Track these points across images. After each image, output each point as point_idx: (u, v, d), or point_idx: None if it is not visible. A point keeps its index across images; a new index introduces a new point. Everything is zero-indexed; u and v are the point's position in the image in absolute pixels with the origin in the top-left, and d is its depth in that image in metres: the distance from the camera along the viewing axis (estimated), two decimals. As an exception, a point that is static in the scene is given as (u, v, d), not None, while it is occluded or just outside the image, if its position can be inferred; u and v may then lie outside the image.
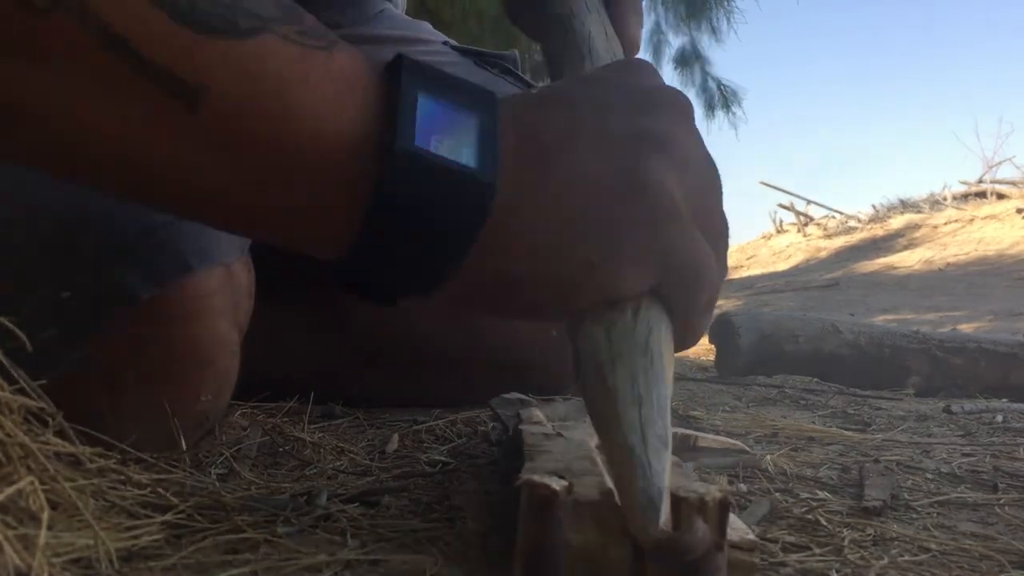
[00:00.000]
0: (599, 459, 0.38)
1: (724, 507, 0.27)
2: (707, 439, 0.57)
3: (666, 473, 0.28)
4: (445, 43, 0.86)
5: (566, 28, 0.47)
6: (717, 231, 0.36)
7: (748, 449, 0.58)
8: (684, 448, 0.55)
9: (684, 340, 0.36)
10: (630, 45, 0.51)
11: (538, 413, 0.52)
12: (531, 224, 0.34)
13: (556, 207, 0.34)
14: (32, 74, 0.30)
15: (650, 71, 0.40)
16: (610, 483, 0.34)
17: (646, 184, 0.34)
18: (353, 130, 0.33)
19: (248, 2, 0.32)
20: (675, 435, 0.54)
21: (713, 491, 0.27)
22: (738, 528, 0.30)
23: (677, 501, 0.27)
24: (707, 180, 0.37)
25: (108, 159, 0.32)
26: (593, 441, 0.42)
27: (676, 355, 0.35)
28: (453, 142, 0.33)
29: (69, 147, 0.32)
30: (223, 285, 0.48)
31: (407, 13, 0.95)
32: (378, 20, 0.84)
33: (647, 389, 0.32)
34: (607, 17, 0.50)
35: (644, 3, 0.55)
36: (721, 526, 0.27)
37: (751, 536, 0.29)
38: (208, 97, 0.31)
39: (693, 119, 0.38)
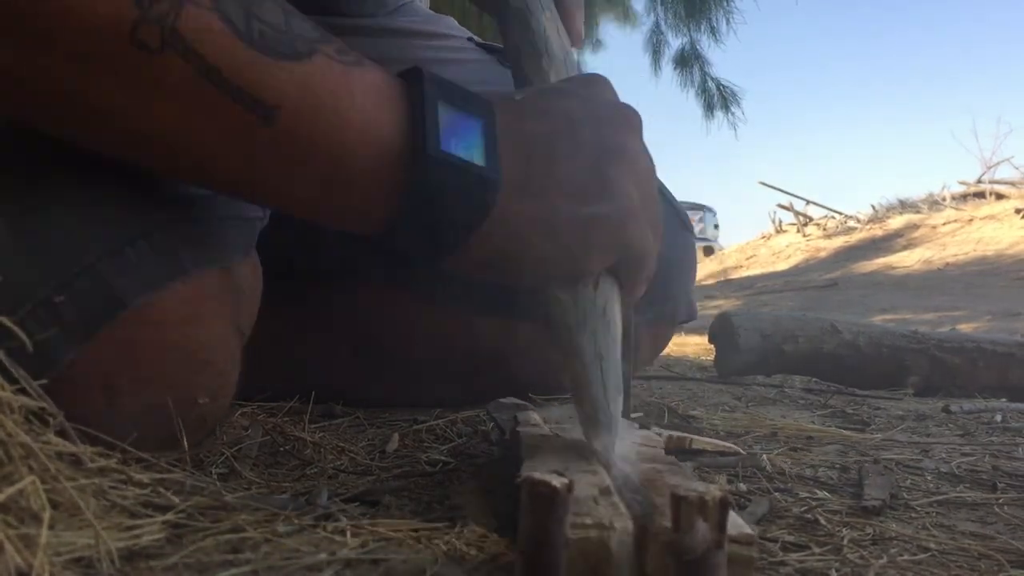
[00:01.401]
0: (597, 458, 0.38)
1: (724, 506, 0.27)
2: (701, 441, 0.57)
3: (619, 411, 0.41)
4: (470, 39, 0.86)
5: (522, 21, 0.54)
6: (655, 219, 0.47)
7: (742, 451, 0.58)
8: (679, 451, 0.55)
9: (628, 302, 0.46)
10: (576, 37, 0.59)
11: (534, 415, 0.52)
12: (522, 214, 0.42)
13: (541, 202, 0.42)
14: (149, 102, 0.37)
15: (608, 86, 0.49)
16: (609, 481, 0.34)
17: (612, 189, 0.43)
18: (391, 136, 0.40)
19: (297, 26, 0.39)
20: (670, 438, 0.54)
21: (713, 490, 0.27)
22: (735, 522, 0.30)
23: (677, 500, 0.27)
24: (650, 179, 0.47)
25: (204, 165, 0.40)
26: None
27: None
28: (466, 144, 0.41)
29: (175, 158, 0.40)
30: (220, 288, 0.48)
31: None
32: (403, 12, 0.84)
33: (606, 347, 0.42)
34: (556, 13, 0.57)
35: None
36: (721, 525, 0.27)
37: (748, 529, 0.30)
38: (281, 113, 0.38)
39: (641, 130, 0.48)
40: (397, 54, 0.76)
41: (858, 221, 8.69)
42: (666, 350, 1.17)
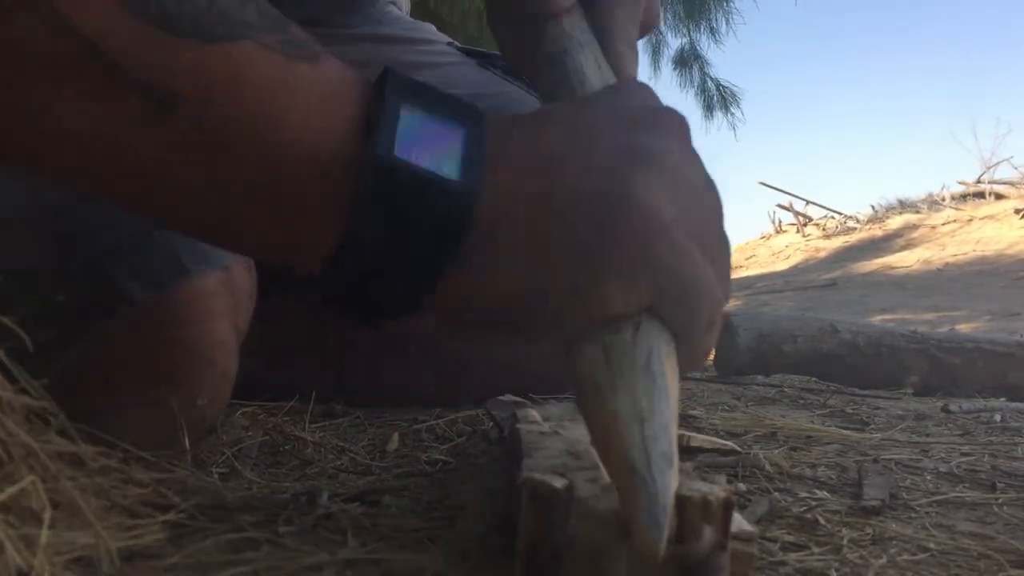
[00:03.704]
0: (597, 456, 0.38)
1: (728, 507, 0.27)
2: (699, 439, 0.57)
3: (671, 491, 0.28)
4: (449, 44, 0.86)
5: (557, 64, 0.48)
6: (715, 250, 0.35)
7: (740, 449, 0.58)
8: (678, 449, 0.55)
9: (688, 361, 0.35)
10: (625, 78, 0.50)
11: (533, 413, 0.52)
12: (515, 248, 0.33)
13: (546, 223, 0.33)
14: (17, 80, 0.30)
15: (648, 93, 0.40)
16: (609, 480, 0.34)
17: (631, 201, 0.33)
18: (337, 140, 0.32)
19: (228, 9, 0.32)
20: None
21: (717, 491, 0.27)
22: (736, 519, 0.30)
23: (680, 500, 0.27)
24: (703, 199, 0.36)
25: (83, 163, 0.32)
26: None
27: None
28: (435, 155, 0.33)
29: (46, 150, 0.32)
30: (221, 288, 0.48)
31: (411, 14, 0.95)
32: (384, 21, 0.84)
33: (649, 408, 0.31)
34: (600, 52, 0.50)
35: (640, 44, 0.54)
36: (724, 526, 0.27)
37: (749, 527, 0.30)
38: (182, 104, 0.31)
39: (690, 138, 0.38)
40: (377, 58, 0.76)
41: (857, 221, 8.69)
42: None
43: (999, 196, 7.73)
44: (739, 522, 0.30)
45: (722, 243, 0.37)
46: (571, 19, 0.51)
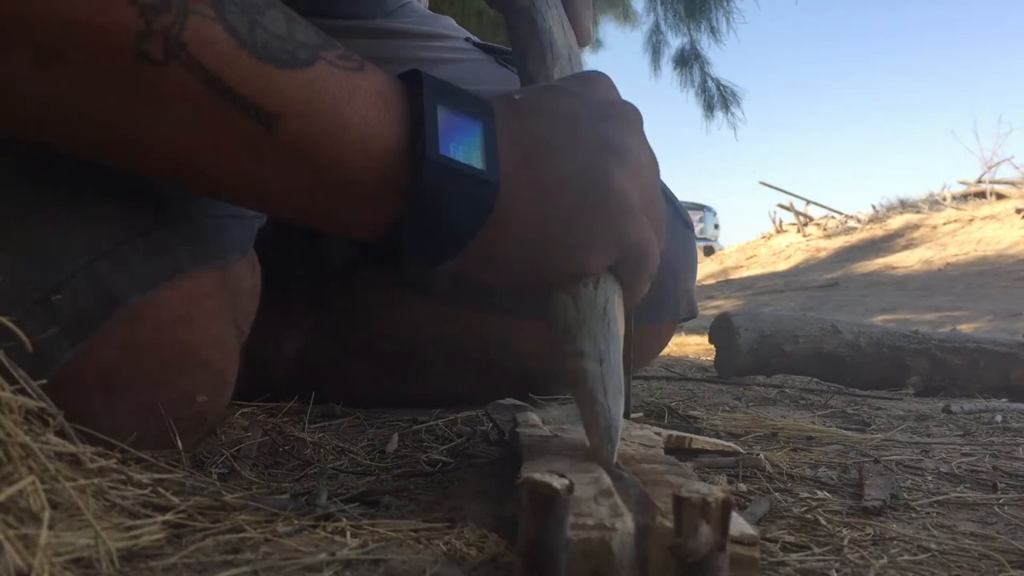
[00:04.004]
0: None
1: (726, 508, 0.27)
2: (700, 441, 0.57)
3: (620, 413, 0.39)
4: (467, 39, 0.86)
5: (528, 19, 0.55)
6: (658, 217, 0.46)
7: (741, 450, 0.58)
8: (678, 450, 0.55)
9: (630, 303, 0.45)
10: (584, 36, 0.59)
11: (534, 416, 0.52)
12: (521, 215, 0.42)
13: (540, 202, 0.42)
14: (152, 114, 0.37)
15: (608, 84, 0.49)
16: (609, 482, 0.34)
17: (610, 186, 0.43)
18: (391, 140, 0.40)
19: (299, 34, 0.39)
20: (669, 437, 0.54)
21: (715, 492, 0.27)
22: (738, 523, 0.30)
23: (679, 501, 0.27)
24: (651, 177, 0.46)
25: (206, 173, 0.41)
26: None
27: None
28: (465, 148, 0.41)
29: (177, 166, 0.40)
30: (218, 287, 0.48)
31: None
32: (401, 13, 0.84)
33: (606, 349, 0.41)
34: (563, 11, 0.57)
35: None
36: (723, 526, 0.27)
37: (751, 530, 0.29)
38: (283, 121, 0.38)
39: (642, 127, 0.48)
40: (394, 55, 0.76)
41: (858, 221, 8.69)
42: (666, 350, 1.17)
43: (1000, 196, 7.73)
44: (742, 526, 0.30)
45: (662, 211, 0.47)
46: None
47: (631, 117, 0.47)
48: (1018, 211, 6.80)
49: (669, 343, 1.05)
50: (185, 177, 0.42)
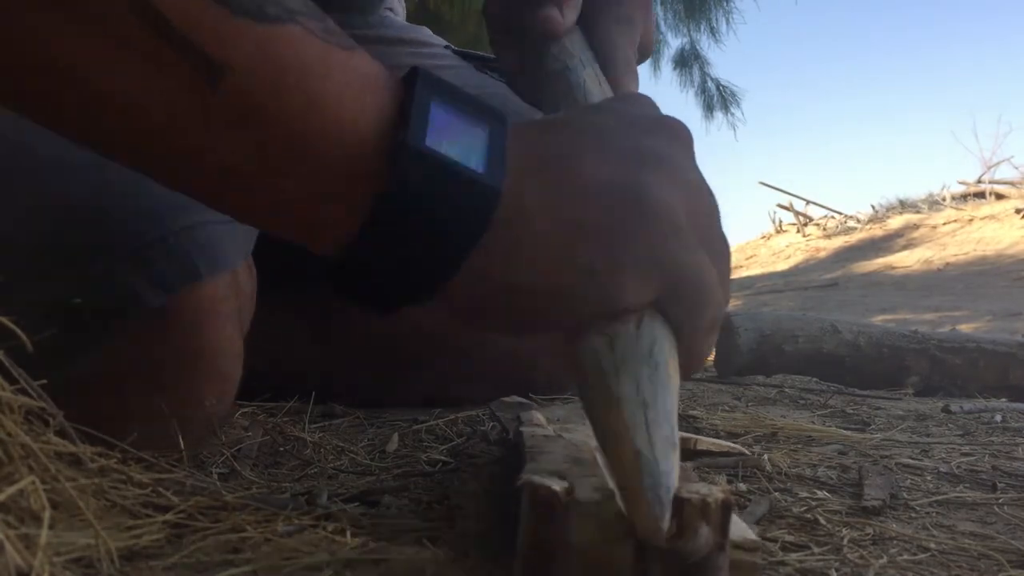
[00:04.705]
0: (600, 460, 0.38)
1: (726, 508, 0.27)
2: (706, 442, 0.57)
3: (674, 473, 0.28)
4: (446, 47, 0.87)
5: (561, 79, 0.50)
6: (719, 252, 0.36)
7: (747, 452, 0.58)
8: (683, 451, 0.55)
9: (687, 361, 0.35)
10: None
11: (538, 415, 0.52)
12: (534, 233, 0.34)
13: (559, 218, 0.34)
14: (68, 30, 0.30)
15: (650, 102, 0.41)
16: (611, 483, 0.34)
17: (647, 196, 0.34)
18: (369, 127, 0.33)
19: None
20: None
21: (715, 492, 0.27)
22: (740, 528, 0.30)
23: (679, 502, 0.27)
24: (706, 203, 0.37)
25: (126, 124, 0.33)
26: (593, 442, 0.42)
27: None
28: (463, 148, 0.33)
29: (89, 109, 0.32)
30: (230, 292, 0.49)
31: (408, 15, 0.96)
32: (382, 24, 0.85)
33: (652, 394, 0.31)
34: (600, 71, 0.51)
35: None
36: (723, 527, 0.27)
37: (753, 536, 0.29)
38: (230, 75, 0.31)
39: (692, 147, 0.39)
40: (381, 59, 0.76)
41: (858, 221, 8.69)
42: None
43: (1000, 196, 7.73)
44: (743, 530, 0.30)
45: (724, 246, 0.37)
46: (571, 39, 0.53)
47: (679, 133, 0.39)
48: (1018, 211, 6.80)
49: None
50: (109, 131, 0.34)
